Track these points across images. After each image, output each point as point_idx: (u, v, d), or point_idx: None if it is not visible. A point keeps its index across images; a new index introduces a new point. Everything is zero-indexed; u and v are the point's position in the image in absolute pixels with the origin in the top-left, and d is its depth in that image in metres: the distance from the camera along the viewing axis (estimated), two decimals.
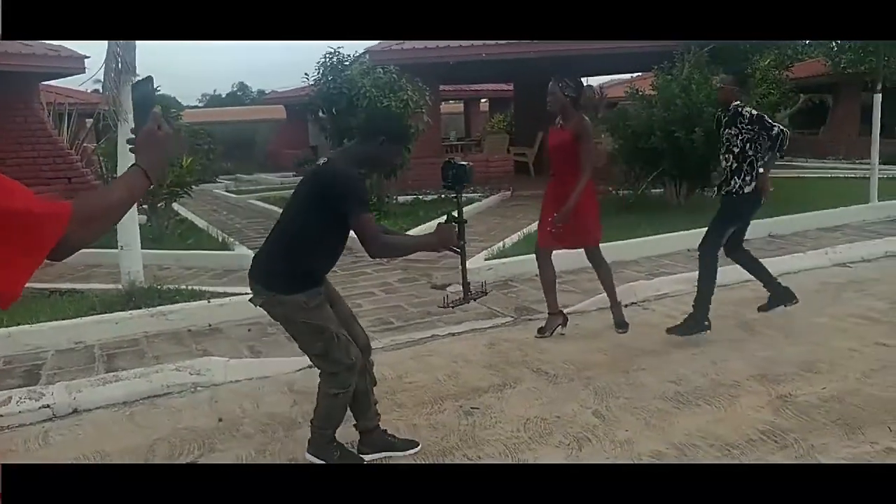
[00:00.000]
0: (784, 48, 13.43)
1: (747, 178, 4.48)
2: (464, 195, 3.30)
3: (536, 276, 6.70)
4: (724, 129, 4.57)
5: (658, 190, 10.24)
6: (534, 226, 8.71)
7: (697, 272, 4.66)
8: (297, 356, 4.58)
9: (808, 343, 4.45)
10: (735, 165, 4.49)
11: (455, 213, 3.14)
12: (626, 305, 5.53)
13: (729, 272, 6.08)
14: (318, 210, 2.79)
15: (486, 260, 6.85)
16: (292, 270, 2.82)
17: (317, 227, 2.80)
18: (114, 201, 1.40)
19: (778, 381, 3.84)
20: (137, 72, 5.47)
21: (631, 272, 6.71)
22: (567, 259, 6.91)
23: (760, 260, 6.50)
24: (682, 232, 7.61)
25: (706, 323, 4.52)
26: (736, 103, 4.52)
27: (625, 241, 7.44)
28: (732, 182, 4.50)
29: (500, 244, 7.42)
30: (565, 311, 5.09)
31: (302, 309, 2.82)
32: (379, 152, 2.92)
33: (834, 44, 16.77)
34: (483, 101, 27.22)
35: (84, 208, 1.31)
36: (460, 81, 19.57)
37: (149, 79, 1.61)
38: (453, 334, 4.96)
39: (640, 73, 17.16)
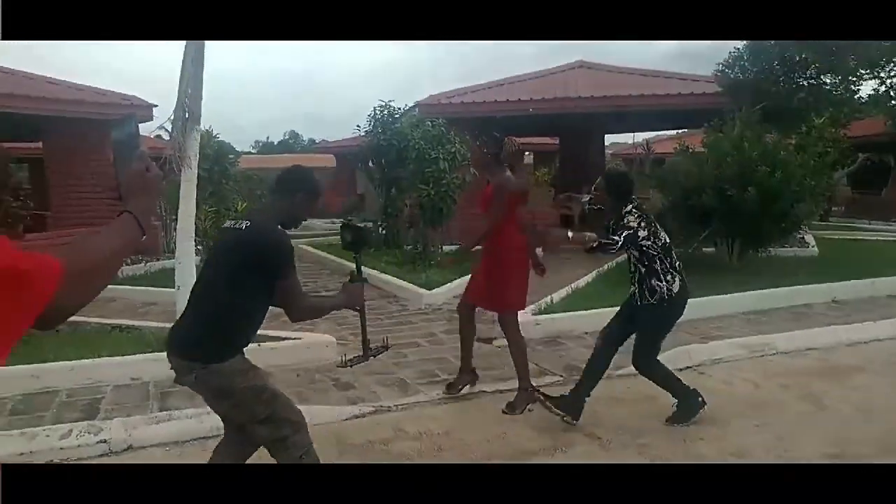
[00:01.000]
0: (840, 106, 13.21)
1: (668, 278, 4.04)
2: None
3: (586, 333, 6.62)
4: None
5: (710, 249, 10.04)
6: (582, 281, 8.64)
7: (655, 381, 4.29)
8: (343, 405, 4.60)
9: (886, 422, 4.15)
10: (646, 270, 4.06)
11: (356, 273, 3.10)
12: (680, 370, 5.36)
13: (791, 338, 5.89)
14: (250, 274, 2.66)
15: (533, 315, 6.72)
16: (224, 338, 2.67)
17: (249, 292, 2.68)
18: (108, 253, 1.17)
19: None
20: (201, 121, 5.69)
21: (683, 334, 6.50)
22: (603, 320, 6.77)
23: (817, 329, 6.26)
24: (735, 294, 7.40)
25: (699, 400, 4.18)
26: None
27: None
28: (657, 287, 4.03)
29: (548, 299, 7.31)
30: (617, 372, 4.95)
31: (240, 373, 2.67)
32: (294, 208, 2.87)
33: (894, 101, 16.46)
34: (527, 153, 27.37)
35: (76, 263, 1.07)
36: (506, 135, 19.76)
37: (131, 117, 1.48)
38: (501, 391, 4.85)
39: (685, 130, 17.13)
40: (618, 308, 6.84)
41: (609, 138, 20.30)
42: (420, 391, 4.91)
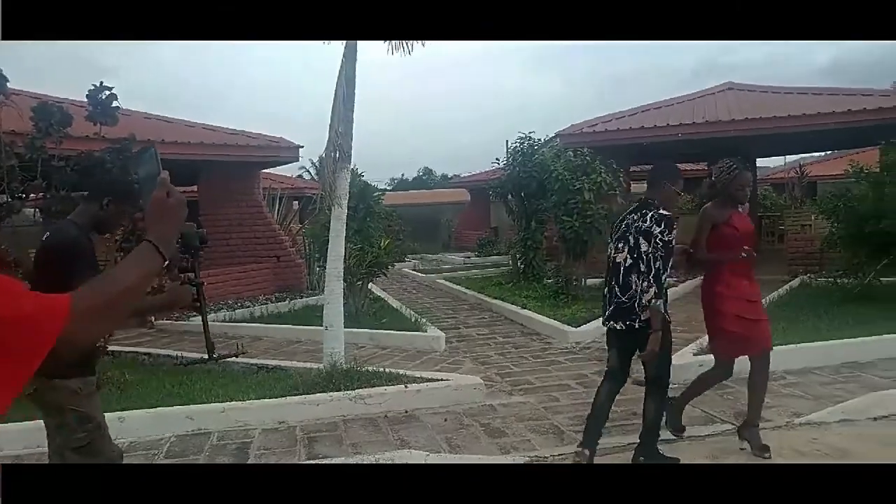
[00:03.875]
0: None
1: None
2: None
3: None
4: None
5: (890, 279, 8.89)
6: None
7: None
8: (495, 454, 4.33)
9: None
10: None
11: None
12: (874, 419, 4.66)
13: None
14: (61, 283, 2.58)
15: (694, 355, 6.13)
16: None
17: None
18: (124, 287, 1.18)
19: None
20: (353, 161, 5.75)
21: (872, 377, 5.71)
22: (791, 357, 6.05)
23: None
24: None
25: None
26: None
27: (858, 339, 6.39)
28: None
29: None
30: (797, 420, 4.38)
31: (75, 395, 2.69)
32: (104, 214, 2.88)
33: None
34: None
35: (86, 300, 1.11)
36: (650, 162, 19.04)
37: (150, 148, 1.50)
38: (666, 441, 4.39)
39: (834, 151, 15.69)
40: (798, 345, 6.16)
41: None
42: (576, 440, 4.54)
